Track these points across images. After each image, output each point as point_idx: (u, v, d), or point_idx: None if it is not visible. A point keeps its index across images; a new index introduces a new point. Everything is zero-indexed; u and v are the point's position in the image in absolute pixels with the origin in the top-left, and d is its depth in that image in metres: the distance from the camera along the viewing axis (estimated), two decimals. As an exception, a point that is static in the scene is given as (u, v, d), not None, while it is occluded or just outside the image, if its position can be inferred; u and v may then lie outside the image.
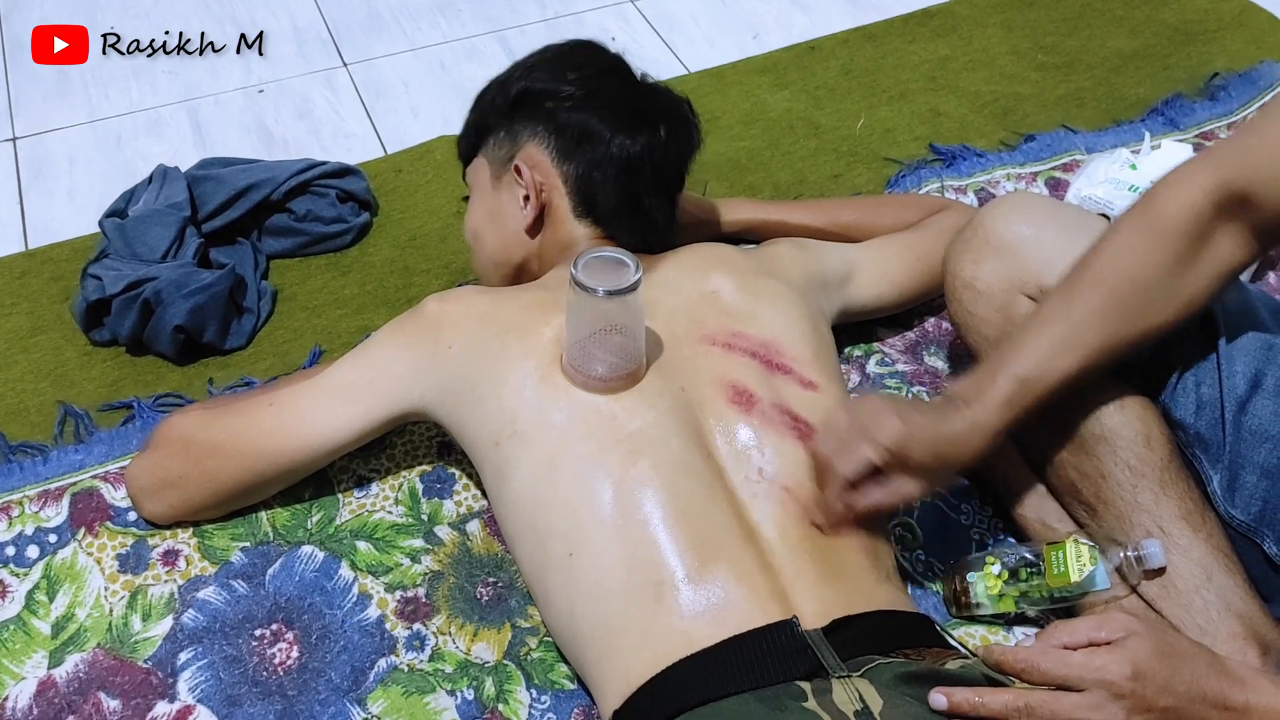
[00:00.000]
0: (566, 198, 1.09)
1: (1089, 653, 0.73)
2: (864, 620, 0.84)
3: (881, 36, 1.85)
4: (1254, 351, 0.94)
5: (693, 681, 0.80)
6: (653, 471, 0.89)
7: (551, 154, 1.09)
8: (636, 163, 1.07)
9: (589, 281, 0.88)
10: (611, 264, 0.91)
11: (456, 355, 0.99)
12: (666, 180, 1.11)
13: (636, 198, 1.09)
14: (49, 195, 1.57)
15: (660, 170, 1.09)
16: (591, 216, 1.09)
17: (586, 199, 1.08)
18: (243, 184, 1.40)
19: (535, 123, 1.09)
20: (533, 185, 1.08)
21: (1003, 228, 1.02)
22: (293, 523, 1.13)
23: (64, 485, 1.15)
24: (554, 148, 1.09)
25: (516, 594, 1.08)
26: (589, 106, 1.08)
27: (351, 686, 1.01)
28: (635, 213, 1.09)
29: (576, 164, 1.08)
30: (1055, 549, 0.99)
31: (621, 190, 1.08)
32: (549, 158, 1.09)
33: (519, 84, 1.11)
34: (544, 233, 1.11)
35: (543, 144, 1.09)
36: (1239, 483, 0.95)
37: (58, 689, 1.00)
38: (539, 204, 1.09)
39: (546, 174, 1.09)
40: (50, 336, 1.34)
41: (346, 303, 1.39)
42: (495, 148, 1.13)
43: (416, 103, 1.74)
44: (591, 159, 1.07)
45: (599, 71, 1.11)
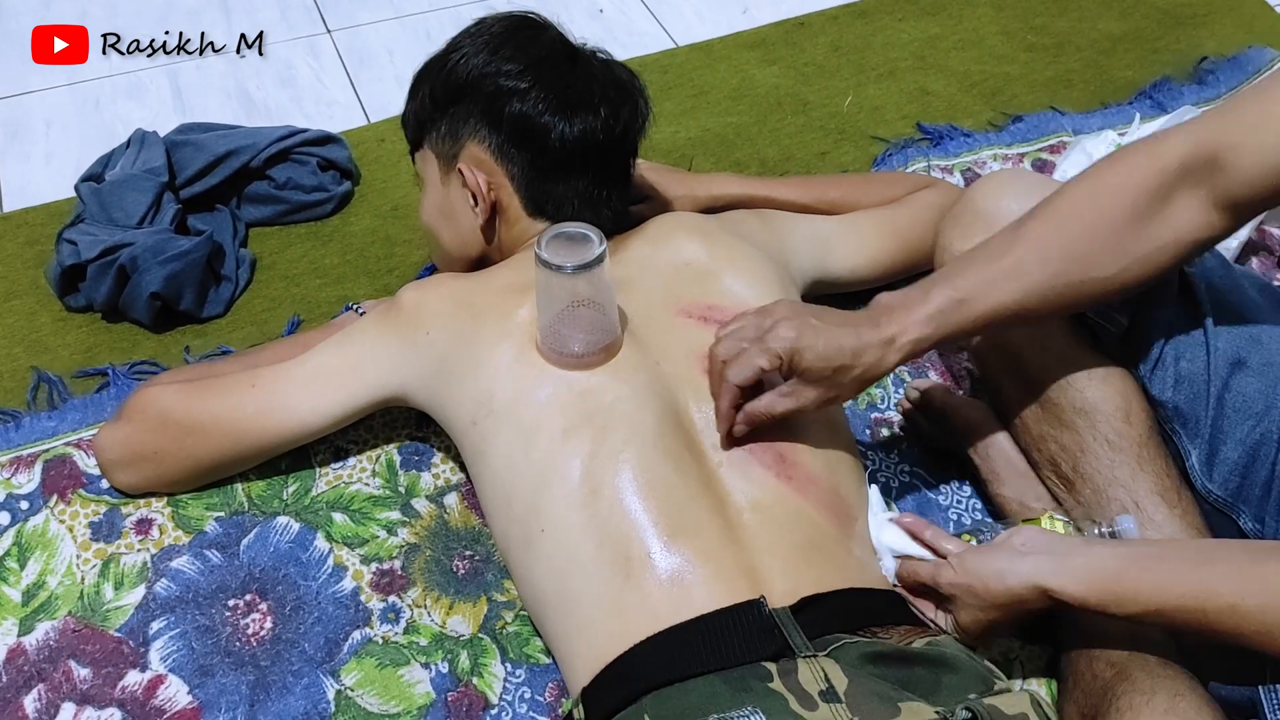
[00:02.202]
0: (515, 195, 1.06)
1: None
2: (833, 599, 0.84)
3: (872, 14, 1.83)
4: (1239, 328, 0.95)
5: (659, 661, 0.80)
6: (624, 446, 0.89)
7: (494, 153, 1.05)
8: (579, 152, 1.03)
9: (554, 259, 0.88)
10: (576, 239, 0.91)
11: (435, 341, 0.99)
12: (614, 161, 1.07)
13: (585, 189, 1.05)
14: (25, 158, 1.55)
15: (606, 153, 1.05)
16: (542, 213, 1.06)
17: (534, 198, 1.05)
18: (222, 150, 1.38)
19: (474, 119, 1.05)
20: (479, 189, 1.05)
21: (992, 203, 1.02)
22: (268, 493, 1.12)
23: (36, 452, 1.14)
24: (495, 147, 1.05)
25: (493, 567, 1.08)
26: (526, 97, 1.02)
27: (325, 658, 1.01)
28: (586, 203, 1.06)
29: (519, 163, 1.04)
30: (1030, 524, 0.99)
31: (568, 184, 1.05)
32: (491, 156, 1.05)
33: (454, 72, 1.05)
34: (499, 230, 1.09)
35: (484, 143, 1.05)
36: (1218, 459, 0.95)
37: (27, 656, 0.99)
38: (488, 206, 1.06)
39: (491, 172, 1.05)
40: (25, 301, 1.32)
41: (326, 272, 1.37)
42: (438, 141, 1.09)
43: (401, 71, 1.72)
44: (533, 156, 1.03)
45: (536, 58, 1.04)
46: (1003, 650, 1.03)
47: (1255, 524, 0.94)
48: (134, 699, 0.97)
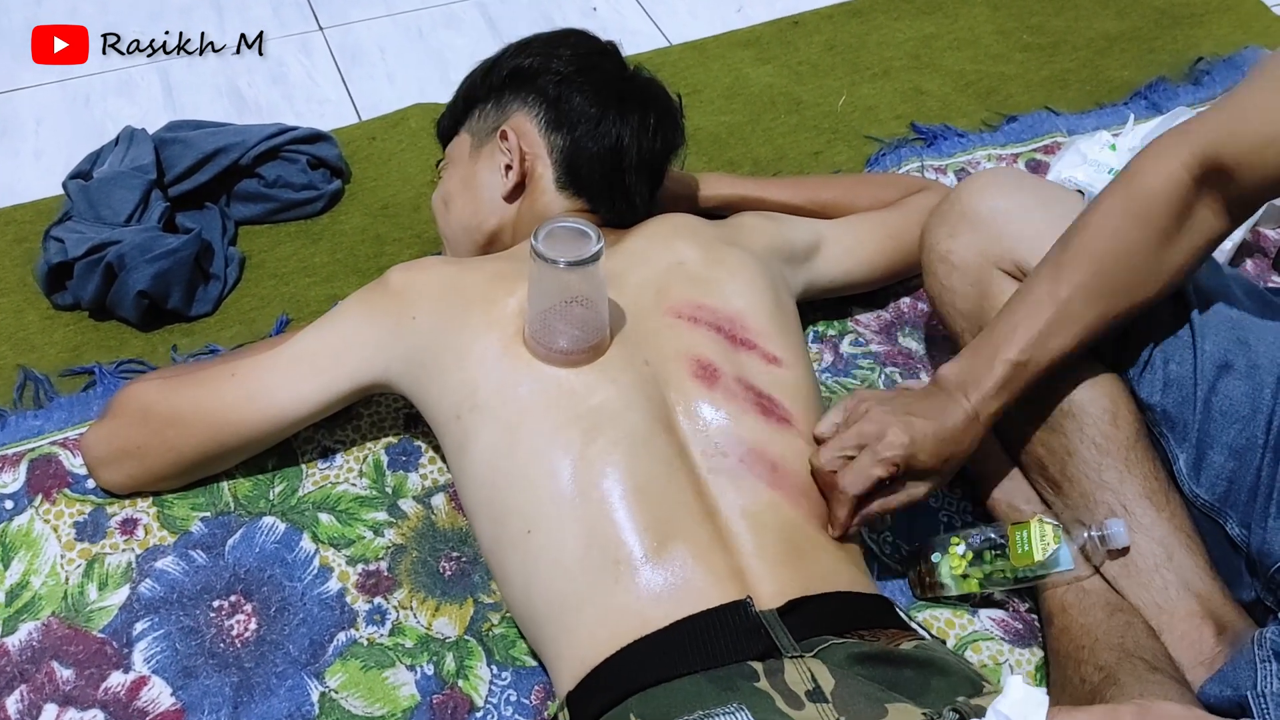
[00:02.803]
0: (551, 168, 1.09)
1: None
2: (820, 601, 0.83)
3: (866, 12, 1.82)
4: (1226, 331, 0.94)
5: (645, 662, 0.80)
6: (612, 448, 0.88)
7: (540, 124, 1.09)
8: (624, 142, 1.08)
9: (549, 252, 0.87)
10: (573, 235, 0.90)
11: (420, 326, 0.97)
12: (650, 166, 1.11)
13: (621, 174, 1.09)
14: (14, 155, 1.54)
15: (645, 155, 1.10)
16: (575, 189, 1.09)
17: (572, 170, 1.08)
18: (211, 148, 1.37)
19: (526, 94, 1.10)
20: (517, 151, 1.08)
21: (978, 202, 1.01)
22: (254, 493, 1.11)
23: (21, 451, 1.13)
24: (543, 119, 1.09)
25: (479, 569, 1.07)
26: (581, 83, 1.08)
27: (310, 660, 1.00)
28: (617, 189, 1.09)
29: (565, 136, 1.08)
30: (1020, 529, 0.98)
31: (607, 166, 1.08)
32: (537, 128, 1.09)
33: (511, 61, 1.11)
34: (522, 201, 1.10)
35: (531, 114, 1.09)
36: (1205, 462, 0.95)
37: (10, 657, 0.99)
38: (521, 171, 1.08)
39: (533, 143, 1.09)
40: (11, 299, 1.31)
41: (316, 271, 1.37)
42: (480, 119, 1.13)
43: (393, 69, 1.72)
44: (581, 132, 1.08)
45: (591, 52, 1.12)
46: (993, 654, 1.02)
47: (1241, 529, 0.94)
48: (117, 700, 0.96)
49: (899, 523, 1.12)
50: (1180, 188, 0.87)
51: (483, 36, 1.78)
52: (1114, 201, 0.90)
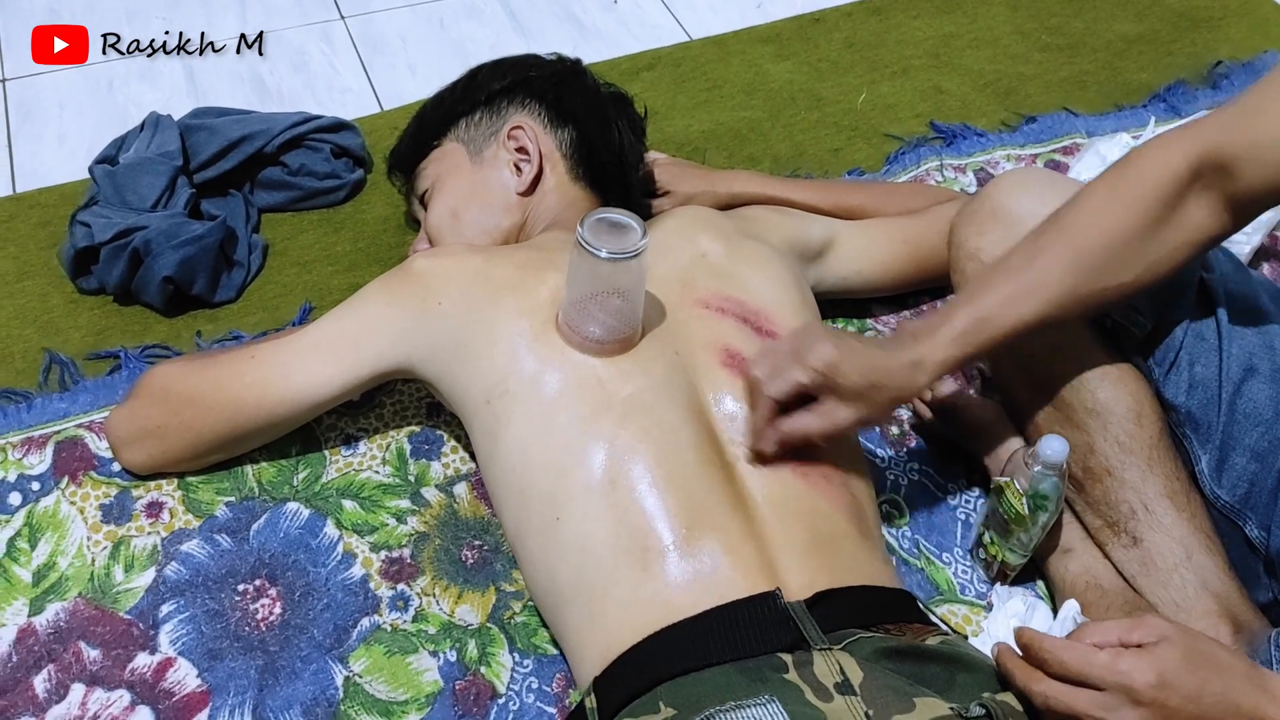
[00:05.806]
0: (562, 160, 1.13)
1: (1115, 653, 0.71)
2: (847, 594, 0.84)
3: (886, 10, 1.83)
4: (1252, 335, 0.95)
5: (674, 651, 0.80)
6: (644, 437, 0.89)
7: (543, 121, 1.14)
8: (621, 136, 1.15)
9: (595, 243, 0.87)
10: (616, 227, 0.90)
11: (446, 312, 0.98)
12: (635, 165, 1.19)
13: (624, 163, 1.16)
14: (38, 139, 1.54)
15: (630, 152, 1.17)
16: (587, 179, 1.12)
17: (584, 159, 1.12)
18: (236, 135, 1.38)
19: (522, 97, 1.15)
20: (535, 144, 1.12)
21: (1009, 200, 1.02)
22: (279, 479, 1.12)
23: (48, 433, 1.14)
24: (545, 117, 1.14)
25: (501, 557, 1.08)
26: (572, 83, 1.16)
27: (334, 644, 1.01)
28: (623, 178, 1.15)
29: (570, 129, 1.13)
30: (1000, 502, 1.00)
31: (612, 155, 1.15)
32: (540, 125, 1.14)
33: (492, 73, 1.19)
34: (536, 195, 1.13)
35: (533, 113, 1.14)
36: (1227, 464, 0.95)
37: (38, 636, 1.00)
38: (538, 164, 1.11)
39: (540, 139, 1.13)
40: (37, 282, 1.32)
41: (338, 259, 1.37)
42: (471, 128, 1.16)
43: (414, 59, 1.72)
44: (584, 126, 1.13)
45: (565, 68, 1.20)
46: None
47: (1261, 531, 0.95)
48: (143, 681, 0.97)
49: (918, 519, 1.13)
50: (1175, 178, 0.87)
51: (503, 28, 1.79)
52: (1108, 183, 0.91)
